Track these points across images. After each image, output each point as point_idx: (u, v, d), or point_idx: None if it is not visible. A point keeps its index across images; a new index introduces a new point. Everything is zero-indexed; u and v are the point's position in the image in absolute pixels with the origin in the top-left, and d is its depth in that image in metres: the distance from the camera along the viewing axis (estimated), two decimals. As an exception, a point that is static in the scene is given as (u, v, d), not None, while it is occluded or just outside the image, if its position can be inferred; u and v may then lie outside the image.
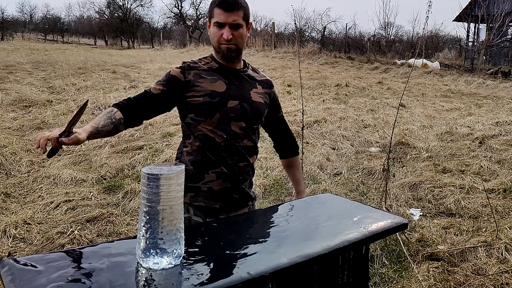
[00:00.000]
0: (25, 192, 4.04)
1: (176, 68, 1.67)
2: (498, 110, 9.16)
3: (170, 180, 1.03)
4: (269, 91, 1.80)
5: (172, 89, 1.62)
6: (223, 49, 1.62)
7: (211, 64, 1.68)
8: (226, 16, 1.57)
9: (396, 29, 41.43)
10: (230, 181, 1.66)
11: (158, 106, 1.63)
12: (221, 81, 1.65)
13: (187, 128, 1.68)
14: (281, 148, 1.94)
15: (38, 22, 42.35)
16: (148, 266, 1.03)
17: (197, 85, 1.62)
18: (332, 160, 5.27)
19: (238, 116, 1.64)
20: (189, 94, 1.62)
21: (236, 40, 1.61)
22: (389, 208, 3.77)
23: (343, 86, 11.02)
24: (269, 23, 36.24)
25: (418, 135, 6.60)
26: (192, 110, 1.63)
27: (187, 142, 1.68)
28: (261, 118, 1.75)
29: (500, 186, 4.36)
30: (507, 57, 18.96)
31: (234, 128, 1.64)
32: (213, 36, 1.63)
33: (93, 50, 23.90)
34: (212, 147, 1.63)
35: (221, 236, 1.27)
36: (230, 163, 1.65)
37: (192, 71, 1.64)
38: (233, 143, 1.64)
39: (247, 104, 1.67)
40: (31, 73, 10.59)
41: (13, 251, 2.97)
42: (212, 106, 1.61)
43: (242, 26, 1.61)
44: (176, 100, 1.65)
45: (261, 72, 1.86)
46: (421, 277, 2.72)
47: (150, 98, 1.62)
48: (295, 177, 1.99)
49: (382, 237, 1.36)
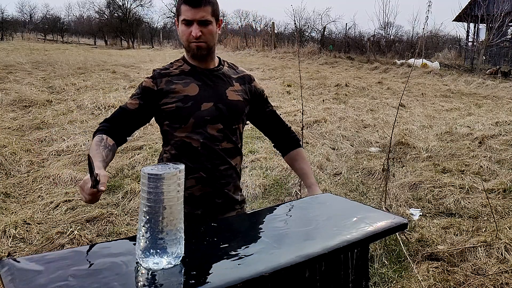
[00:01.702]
0: (24, 192, 4.04)
1: (148, 79, 1.62)
2: (497, 110, 9.17)
3: (170, 180, 1.02)
4: (249, 86, 1.71)
5: (147, 100, 1.59)
6: (192, 47, 1.56)
7: (182, 68, 1.63)
8: (193, 12, 1.51)
9: (396, 29, 41.41)
10: (210, 186, 1.61)
11: (138, 121, 1.61)
12: (194, 84, 1.59)
13: (164, 136, 1.65)
14: (280, 144, 1.82)
15: (37, 22, 42.37)
16: (148, 266, 1.03)
17: (170, 92, 1.57)
18: (332, 160, 5.27)
19: (214, 118, 1.59)
20: (163, 102, 1.58)
21: (205, 37, 1.55)
22: (388, 208, 3.77)
23: (343, 86, 11.02)
24: (269, 23, 36.29)
25: (418, 135, 6.60)
26: (166, 118, 1.60)
27: (166, 149, 1.65)
28: (241, 117, 1.67)
29: (500, 186, 4.36)
30: (506, 57, 18.97)
31: (211, 131, 1.59)
32: (182, 35, 1.57)
33: (93, 50, 23.90)
34: (189, 152, 1.58)
35: (221, 236, 1.27)
36: (210, 167, 1.59)
37: (163, 79, 1.60)
38: (211, 147, 1.59)
39: (223, 104, 1.60)
40: (31, 73, 10.59)
41: (13, 251, 2.97)
42: (185, 111, 1.56)
43: (211, 23, 1.55)
44: (153, 111, 1.61)
45: (240, 67, 1.78)
46: (420, 277, 2.72)
47: (129, 114, 1.59)
48: (302, 170, 1.79)
49: (382, 237, 1.35)
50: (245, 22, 47.05)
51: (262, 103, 1.76)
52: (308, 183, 1.76)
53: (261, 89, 1.77)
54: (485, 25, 19.06)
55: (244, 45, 24.95)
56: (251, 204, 3.95)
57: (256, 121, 1.78)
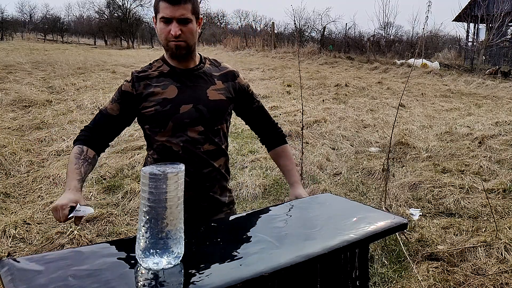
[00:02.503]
0: (24, 192, 4.04)
1: (127, 82, 1.58)
2: (497, 110, 9.17)
3: (170, 180, 1.03)
4: (232, 84, 1.65)
5: (127, 105, 1.56)
6: (171, 46, 1.50)
7: (161, 69, 1.58)
8: (172, 10, 1.45)
9: (396, 29, 41.47)
10: (194, 190, 1.57)
11: (120, 126, 1.59)
12: (172, 85, 1.55)
13: (147, 139, 1.62)
14: (265, 139, 1.80)
15: (37, 22, 42.37)
16: (148, 266, 1.03)
17: (148, 95, 1.53)
18: (331, 160, 5.27)
19: (194, 121, 1.54)
20: (142, 106, 1.55)
21: (185, 36, 1.49)
22: (388, 208, 3.78)
23: (343, 86, 11.03)
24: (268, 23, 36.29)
25: (417, 135, 6.60)
26: (146, 122, 1.57)
27: (149, 153, 1.63)
28: (223, 117, 1.62)
29: (500, 186, 4.36)
30: (506, 57, 18.97)
31: (191, 133, 1.54)
32: (160, 33, 1.51)
33: (93, 50, 23.91)
34: (171, 157, 1.54)
35: (221, 236, 1.27)
36: (192, 171, 1.54)
37: (142, 82, 1.55)
38: (192, 150, 1.55)
39: (203, 105, 1.55)
40: (31, 73, 10.59)
41: (12, 251, 2.97)
42: (164, 115, 1.52)
43: (191, 21, 1.49)
44: (133, 115, 1.59)
45: (224, 63, 1.71)
46: (420, 277, 2.72)
47: (111, 120, 1.57)
48: (286, 167, 1.77)
49: (382, 237, 1.36)
50: (245, 22, 47.07)
51: (248, 99, 1.71)
52: (291, 181, 1.75)
53: (246, 84, 1.71)
54: (485, 25, 19.06)
55: (244, 45, 24.96)
56: (251, 204, 3.95)
57: (243, 116, 1.76)
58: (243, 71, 13.71)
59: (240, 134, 6.16)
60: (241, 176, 4.47)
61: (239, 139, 5.88)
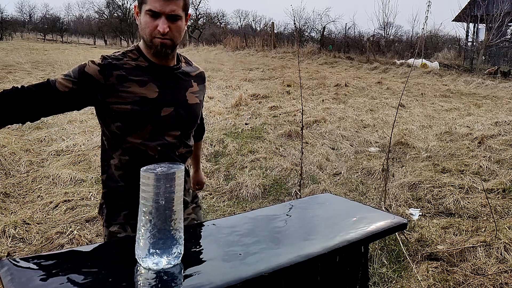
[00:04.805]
0: (24, 192, 4.03)
1: (94, 65, 1.37)
2: (497, 110, 9.17)
3: (170, 180, 1.03)
4: (203, 86, 1.60)
5: (84, 89, 1.35)
6: (156, 43, 1.36)
7: (138, 62, 1.41)
8: (163, 4, 1.32)
9: (396, 29, 41.42)
10: None
11: (63, 105, 1.35)
12: (152, 84, 1.40)
13: (113, 138, 1.43)
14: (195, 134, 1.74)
15: (37, 22, 42.37)
16: (148, 266, 1.03)
17: (122, 90, 1.36)
18: (331, 160, 5.27)
19: (173, 125, 1.44)
20: (112, 100, 1.36)
21: (172, 34, 1.36)
22: (388, 208, 3.78)
23: (343, 86, 11.03)
24: (268, 23, 36.27)
25: (417, 135, 6.60)
26: (117, 119, 1.39)
27: (115, 154, 1.44)
28: (197, 121, 1.56)
29: (499, 186, 4.36)
30: (506, 57, 18.99)
31: (169, 138, 1.44)
32: (144, 27, 1.36)
33: (93, 50, 23.90)
34: (145, 160, 1.38)
35: (220, 236, 1.27)
36: None
37: (115, 72, 1.37)
38: (168, 154, 1.45)
39: (183, 110, 1.46)
40: (30, 73, 10.59)
41: (12, 251, 2.96)
42: (143, 116, 1.38)
43: (180, 18, 1.37)
44: (89, 102, 1.38)
45: (194, 63, 1.63)
46: (420, 277, 2.72)
47: (54, 93, 1.33)
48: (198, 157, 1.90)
49: (382, 237, 1.36)
50: (244, 22, 47.01)
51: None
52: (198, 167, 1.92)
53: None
54: (485, 25, 19.08)
55: (244, 45, 24.97)
56: (251, 204, 3.95)
57: None
58: (242, 71, 13.72)
59: (240, 134, 6.16)
60: (241, 176, 4.47)
61: (239, 139, 5.88)
